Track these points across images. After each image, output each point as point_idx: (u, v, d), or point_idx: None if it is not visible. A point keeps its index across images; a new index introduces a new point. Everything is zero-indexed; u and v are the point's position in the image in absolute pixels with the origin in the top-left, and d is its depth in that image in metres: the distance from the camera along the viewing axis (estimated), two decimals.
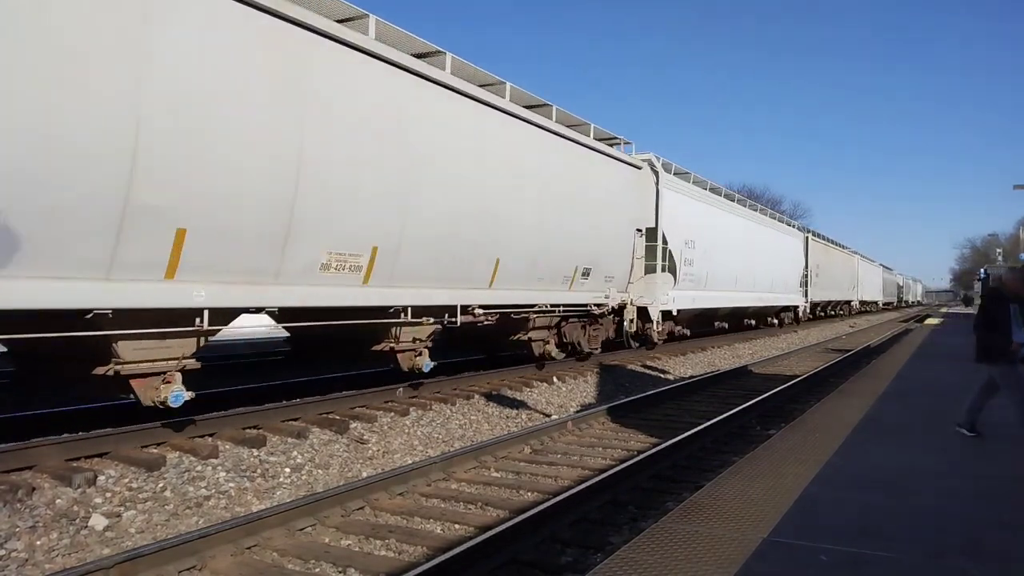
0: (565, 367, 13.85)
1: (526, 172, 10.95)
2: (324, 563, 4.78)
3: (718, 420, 9.10)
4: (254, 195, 6.71)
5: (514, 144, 10.73)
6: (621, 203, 14.33)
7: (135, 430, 7.05)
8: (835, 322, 40.44)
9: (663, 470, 7.15)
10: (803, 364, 18.31)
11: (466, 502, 6.15)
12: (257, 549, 4.96)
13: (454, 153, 9.36)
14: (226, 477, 6.49)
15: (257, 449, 7.22)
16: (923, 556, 3.41)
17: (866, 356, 19.50)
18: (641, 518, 5.75)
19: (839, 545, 3.51)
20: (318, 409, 8.81)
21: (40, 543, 4.93)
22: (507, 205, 10.45)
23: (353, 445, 7.85)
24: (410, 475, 6.49)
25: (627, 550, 3.45)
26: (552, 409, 10.75)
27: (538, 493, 6.43)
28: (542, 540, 5.16)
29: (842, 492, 4.46)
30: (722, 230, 20.74)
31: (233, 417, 7.94)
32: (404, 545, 5.18)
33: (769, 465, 5.09)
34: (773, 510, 4.04)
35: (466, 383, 11.29)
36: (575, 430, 9.01)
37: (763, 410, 10.60)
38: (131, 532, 5.30)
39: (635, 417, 10.01)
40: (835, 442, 5.88)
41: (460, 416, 9.59)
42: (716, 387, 13.36)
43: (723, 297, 20.95)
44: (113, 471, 6.22)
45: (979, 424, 6.63)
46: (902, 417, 7.21)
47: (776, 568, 3.23)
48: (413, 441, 8.36)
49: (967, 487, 4.66)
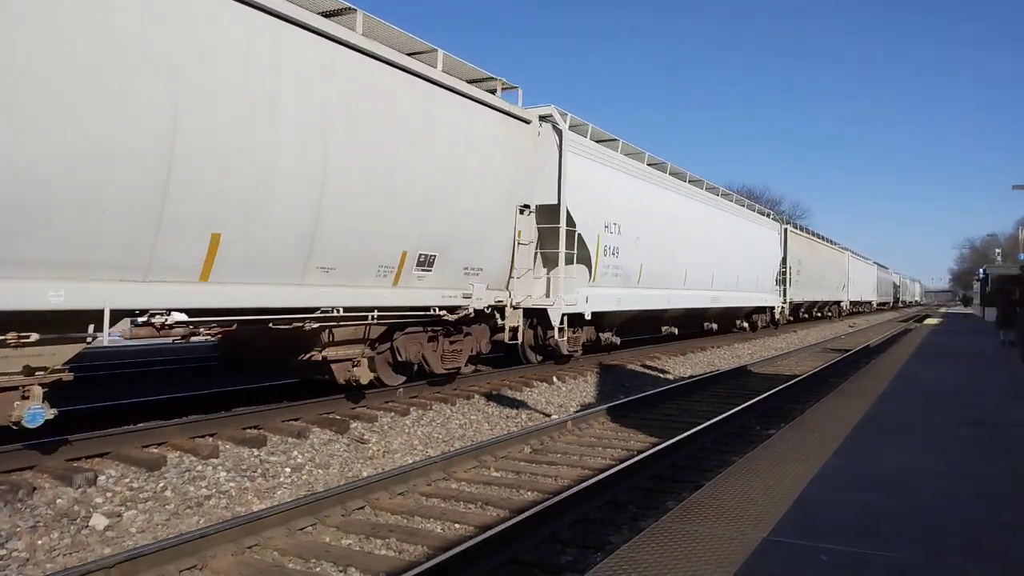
0: (565, 367, 13.84)
1: (283, 92, 6.92)
2: (324, 562, 4.79)
3: (718, 420, 9.11)
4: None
5: (256, 45, 6.68)
6: (495, 167, 10.37)
7: (136, 430, 7.06)
8: (823, 325, 37.59)
9: (663, 470, 7.16)
10: (802, 364, 18.32)
11: (466, 502, 6.16)
12: (258, 548, 4.97)
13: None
14: (227, 477, 6.49)
15: (257, 449, 7.23)
16: (923, 556, 3.41)
17: (865, 356, 19.51)
18: (641, 518, 5.76)
19: (839, 545, 3.52)
20: (318, 409, 8.82)
21: (41, 543, 4.94)
22: (227, 136, 6.41)
23: (353, 445, 7.86)
24: (410, 475, 6.50)
25: (627, 549, 3.45)
26: (552, 409, 10.76)
27: (538, 493, 6.44)
28: (542, 540, 5.17)
29: (842, 492, 4.47)
30: (665, 214, 16.62)
31: (233, 417, 7.95)
32: (404, 544, 5.18)
33: (769, 465, 5.10)
34: (773, 510, 4.05)
35: (466, 383, 11.29)
36: (575, 430, 9.02)
37: (763, 410, 10.61)
38: (132, 532, 5.31)
39: (635, 417, 10.02)
40: (835, 442, 5.88)
41: (460, 416, 9.60)
42: (716, 387, 13.37)
43: (666, 297, 16.83)
44: (114, 471, 6.23)
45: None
46: (902, 417, 7.22)
47: (776, 567, 3.23)
48: (413, 441, 8.37)
49: (967, 487, 4.67)
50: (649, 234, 15.49)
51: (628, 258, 14.57)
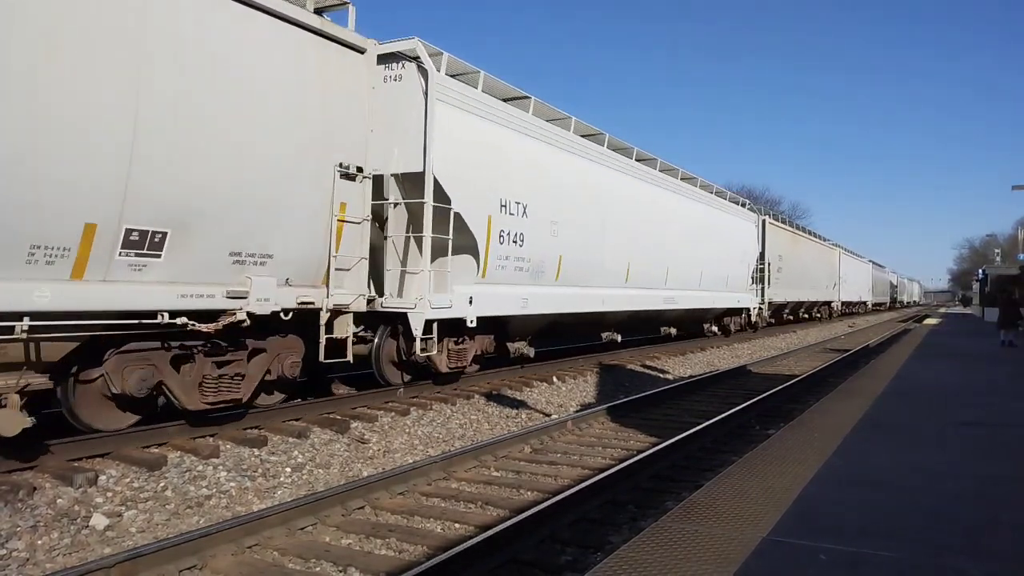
0: (565, 367, 13.82)
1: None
2: (325, 562, 4.79)
3: (717, 420, 9.11)
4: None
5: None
6: (290, 106, 7.41)
7: (136, 430, 7.05)
8: (820, 326, 35.43)
9: (663, 470, 7.17)
10: (802, 364, 18.33)
11: (466, 501, 6.16)
12: (258, 548, 4.97)
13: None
14: (227, 477, 6.50)
15: (258, 449, 7.23)
16: (923, 555, 3.42)
17: (864, 356, 19.51)
18: (641, 517, 5.77)
19: (839, 544, 3.52)
20: (319, 409, 8.82)
21: (41, 542, 4.95)
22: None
23: (354, 445, 7.86)
24: (411, 474, 6.50)
25: (627, 549, 3.46)
26: (552, 409, 10.77)
27: (538, 492, 6.44)
28: (542, 539, 5.18)
29: (842, 491, 4.47)
30: (599, 196, 13.47)
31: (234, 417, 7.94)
32: (404, 544, 5.19)
33: (769, 465, 5.10)
34: (773, 509, 4.05)
35: (466, 383, 11.28)
36: (575, 429, 9.02)
37: (762, 410, 10.62)
38: (132, 531, 5.31)
39: (635, 416, 10.02)
40: (834, 441, 5.89)
41: (460, 416, 9.60)
42: (715, 387, 13.38)
43: (599, 297, 13.67)
44: (114, 471, 6.23)
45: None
46: (901, 417, 7.23)
47: (776, 567, 3.24)
48: (414, 441, 8.37)
49: (967, 487, 4.67)
50: (572, 219, 12.36)
51: (538, 247, 11.49)
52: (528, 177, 11.21)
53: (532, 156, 11.42)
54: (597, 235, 13.46)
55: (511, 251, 10.84)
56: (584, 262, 13.04)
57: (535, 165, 11.46)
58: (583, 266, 13.01)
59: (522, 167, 11.09)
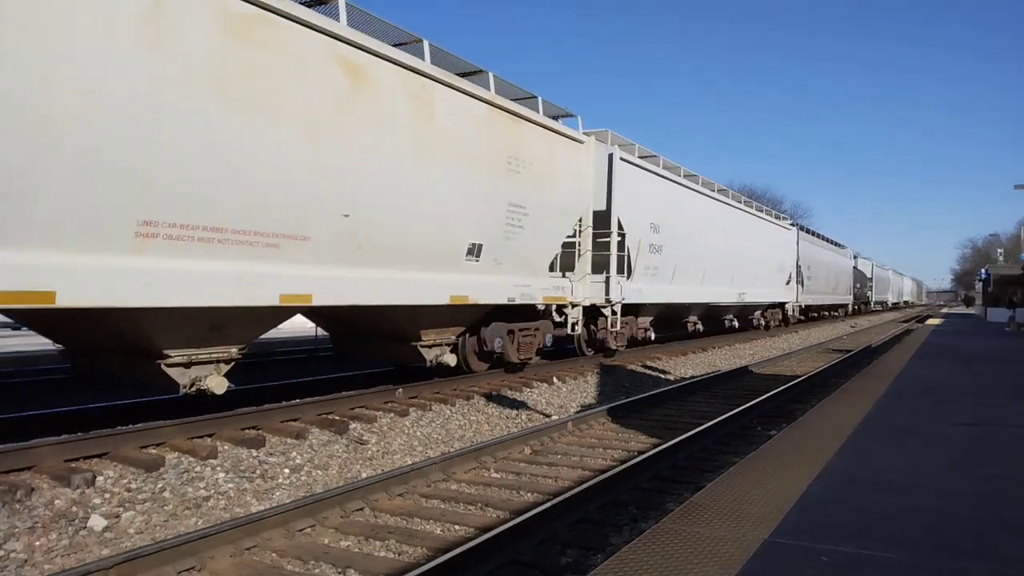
0: (566, 367, 13.83)
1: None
2: (323, 564, 4.77)
3: (719, 420, 9.08)
4: None
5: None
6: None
7: (134, 430, 7.04)
8: (825, 325, 36.94)
9: (663, 471, 7.14)
10: (804, 364, 18.30)
11: (466, 503, 6.13)
12: (256, 550, 4.95)
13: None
14: (225, 478, 6.47)
15: (256, 450, 7.20)
16: (924, 556, 3.39)
17: (867, 356, 19.48)
18: (641, 519, 5.74)
19: (841, 546, 3.49)
20: (317, 409, 8.80)
21: (39, 544, 4.92)
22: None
23: (352, 446, 7.83)
24: (410, 476, 6.47)
25: (627, 551, 3.43)
26: (552, 409, 10.74)
27: (538, 494, 6.41)
28: (542, 541, 5.15)
29: (843, 492, 4.44)
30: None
31: (232, 417, 7.93)
32: (404, 546, 5.16)
33: (770, 465, 5.07)
34: (774, 510, 4.02)
35: (466, 383, 11.27)
36: (575, 430, 8.99)
37: (764, 410, 10.58)
38: (130, 533, 5.29)
39: (635, 417, 9.99)
40: (836, 442, 5.85)
41: (460, 416, 9.58)
42: (717, 387, 13.35)
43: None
44: (112, 472, 6.21)
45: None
46: (904, 418, 7.19)
47: (777, 568, 3.21)
48: (413, 442, 8.35)
49: (969, 487, 4.64)
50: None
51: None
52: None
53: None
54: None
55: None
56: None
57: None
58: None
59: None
